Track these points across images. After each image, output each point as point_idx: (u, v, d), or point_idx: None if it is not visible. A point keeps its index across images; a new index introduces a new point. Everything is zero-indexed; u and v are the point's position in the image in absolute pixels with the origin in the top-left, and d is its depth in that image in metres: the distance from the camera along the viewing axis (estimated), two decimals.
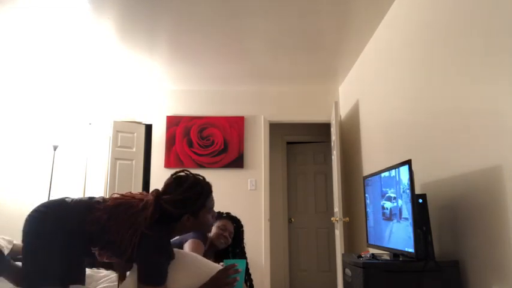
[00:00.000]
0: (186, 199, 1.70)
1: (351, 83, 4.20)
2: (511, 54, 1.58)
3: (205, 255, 2.47)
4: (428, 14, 2.31)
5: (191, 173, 1.78)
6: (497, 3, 1.67)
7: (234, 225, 2.73)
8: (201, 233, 2.56)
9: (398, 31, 2.80)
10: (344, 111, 4.54)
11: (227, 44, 3.61)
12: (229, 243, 2.66)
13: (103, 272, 2.23)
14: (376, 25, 3.23)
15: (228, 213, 2.81)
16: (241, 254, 2.69)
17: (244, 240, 2.82)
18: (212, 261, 2.48)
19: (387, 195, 2.26)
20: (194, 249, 2.40)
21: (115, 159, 4.56)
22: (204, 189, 1.76)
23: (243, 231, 2.78)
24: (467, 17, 1.89)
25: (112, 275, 2.12)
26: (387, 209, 2.26)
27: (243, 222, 2.82)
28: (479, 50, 1.80)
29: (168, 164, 4.64)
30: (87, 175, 4.64)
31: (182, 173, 1.77)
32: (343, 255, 2.51)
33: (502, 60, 1.64)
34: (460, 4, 1.96)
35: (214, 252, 2.67)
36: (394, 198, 2.15)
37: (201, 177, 1.80)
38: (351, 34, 3.38)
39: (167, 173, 5.12)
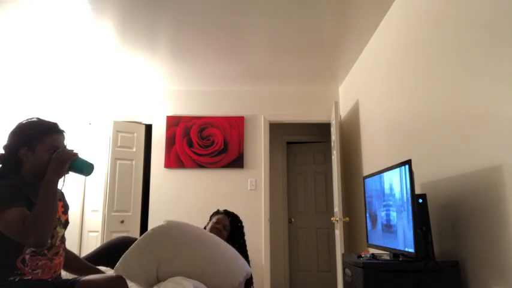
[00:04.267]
0: (20, 128, 1.72)
1: (351, 83, 4.20)
2: (511, 54, 1.58)
3: None
4: (429, 15, 2.31)
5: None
6: (498, 4, 1.67)
7: (230, 219, 2.76)
8: None
9: (399, 31, 2.80)
10: (344, 111, 4.54)
11: (227, 44, 3.61)
12: (224, 236, 2.68)
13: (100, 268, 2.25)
14: (377, 25, 3.23)
15: (225, 210, 2.85)
16: (241, 250, 2.69)
17: (246, 237, 2.82)
18: None
19: (387, 196, 2.26)
20: None
21: (115, 159, 4.56)
22: (42, 124, 1.75)
23: (241, 226, 2.78)
24: (468, 17, 1.89)
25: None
26: (387, 216, 2.26)
27: (243, 222, 2.83)
28: (479, 50, 1.80)
29: (168, 164, 4.64)
30: None
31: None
32: (343, 255, 2.51)
33: (502, 60, 1.64)
34: (460, 5, 1.97)
35: None
36: (394, 200, 2.15)
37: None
38: (351, 34, 3.38)
39: (167, 173, 5.15)
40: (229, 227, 2.73)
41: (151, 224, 4.51)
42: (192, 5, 2.93)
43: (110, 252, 2.65)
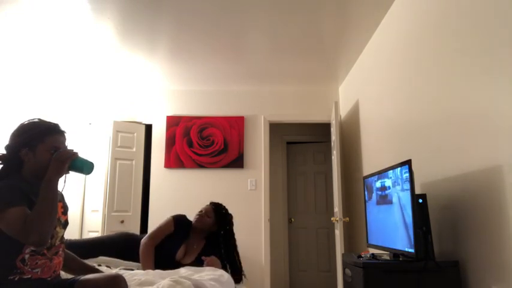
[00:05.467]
0: (21, 129, 1.73)
1: (351, 83, 4.20)
2: (511, 54, 1.58)
3: (191, 239, 2.87)
4: (428, 15, 2.31)
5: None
6: (497, 4, 1.67)
7: (213, 208, 2.95)
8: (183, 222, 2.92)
9: (399, 31, 2.80)
10: (344, 111, 4.54)
11: (227, 44, 3.61)
12: (208, 223, 2.89)
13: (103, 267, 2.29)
14: (376, 25, 3.23)
15: (211, 202, 3.06)
16: (228, 236, 2.91)
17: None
18: (201, 243, 2.83)
19: (387, 178, 2.27)
20: (162, 224, 2.89)
21: (115, 159, 4.56)
22: (43, 124, 1.76)
23: (226, 214, 2.97)
24: (467, 17, 1.89)
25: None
26: (384, 192, 2.26)
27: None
28: (479, 50, 1.80)
29: (168, 164, 4.64)
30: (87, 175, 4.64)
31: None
32: (343, 255, 2.51)
33: (501, 60, 1.64)
34: (460, 5, 1.97)
35: (203, 236, 2.93)
36: (392, 186, 2.16)
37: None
38: (351, 34, 3.38)
39: (167, 173, 5.15)
40: (213, 213, 2.91)
41: (151, 224, 4.51)
42: (192, 5, 2.93)
43: (110, 248, 2.81)
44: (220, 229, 2.91)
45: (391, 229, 2.19)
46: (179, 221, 2.90)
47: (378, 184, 2.41)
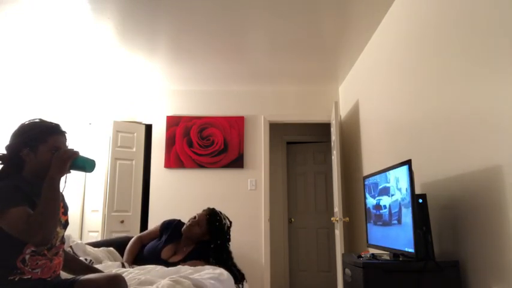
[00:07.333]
0: (22, 129, 1.74)
1: (351, 83, 4.20)
2: (511, 54, 1.58)
3: (183, 241, 2.81)
4: (428, 15, 2.31)
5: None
6: (497, 4, 1.67)
7: (207, 217, 2.81)
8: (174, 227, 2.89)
9: (399, 31, 2.80)
10: (344, 111, 4.54)
11: (227, 44, 3.61)
12: (196, 233, 2.78)
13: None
14: (377, 25, 3.23)
15: (208, 207, 2.94)
16: (220, 248, 2.75)
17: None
18: (191, 246, 2.77)
19: (386, 195, 2.27)
20: (152, 228, 3.04)
21: (115, 159, 4.56)
22: (44, 124, 1.76)
23: (218, 226, 2.80)
24: (467, 17, 1.89)
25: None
26: (385, 212, 2.26)
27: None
28: (479, 50, 1.80)
29: (168, 164, 4.64)
30: (87, 175, 4.63)
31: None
32: (343, 255, 2.51)
33: (501, 60, 1.64)
34: (459, 5, 1.97)
35: (194, 241, 2.82)
36: (393, 198, 2.15)
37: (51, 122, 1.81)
38: (351, 34, 3.38)
39: (167, 173, 5.15)
40: (205, 223, 2.79)
41: (151, 224, 4.51)
42: (192, 5, 2.93)
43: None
44: (211, 242, 2.77)
45: (392, 232, 2.19)
46: (165, 227, 2.95)
47: (374, 202, 2.40)
